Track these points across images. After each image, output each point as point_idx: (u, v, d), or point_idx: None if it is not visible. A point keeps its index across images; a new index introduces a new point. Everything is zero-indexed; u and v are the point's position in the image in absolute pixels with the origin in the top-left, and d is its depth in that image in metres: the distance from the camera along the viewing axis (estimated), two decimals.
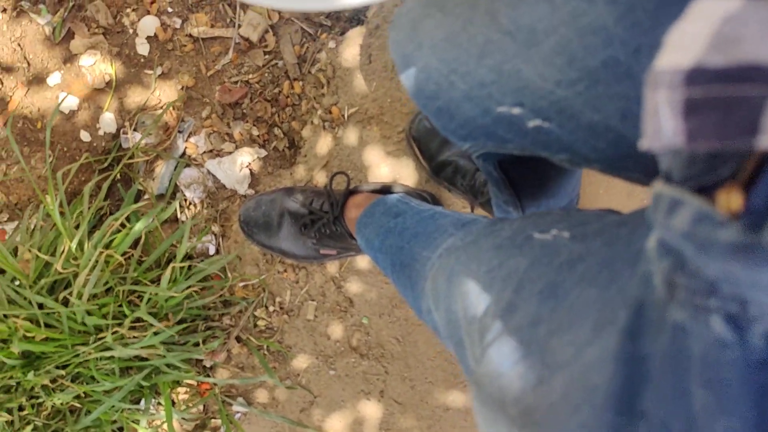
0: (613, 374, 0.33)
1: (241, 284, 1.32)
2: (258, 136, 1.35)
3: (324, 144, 1.30)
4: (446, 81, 0.58)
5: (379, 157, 1.28)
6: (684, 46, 0.25)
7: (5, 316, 1.13)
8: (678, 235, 0.29)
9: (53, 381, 1.17)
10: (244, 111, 1.35)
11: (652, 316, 0.33)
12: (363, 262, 1.29)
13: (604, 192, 1.28)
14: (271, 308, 1.31)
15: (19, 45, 1.35)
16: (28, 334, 1.12)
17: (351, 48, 1.30)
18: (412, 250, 0.85)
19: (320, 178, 1.30)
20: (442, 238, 0.78)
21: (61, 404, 1.17)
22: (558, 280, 0.44)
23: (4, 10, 1.35)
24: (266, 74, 1.35)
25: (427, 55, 0.58)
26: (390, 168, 1.28)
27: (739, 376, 0.28)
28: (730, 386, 0.28)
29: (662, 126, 0.26)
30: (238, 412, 1.31)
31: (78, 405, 1.20)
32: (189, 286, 1.22)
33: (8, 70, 1.35)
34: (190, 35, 1.35)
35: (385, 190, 1.22)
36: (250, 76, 1.34)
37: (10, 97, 1.35)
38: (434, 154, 1.22)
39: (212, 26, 1.35)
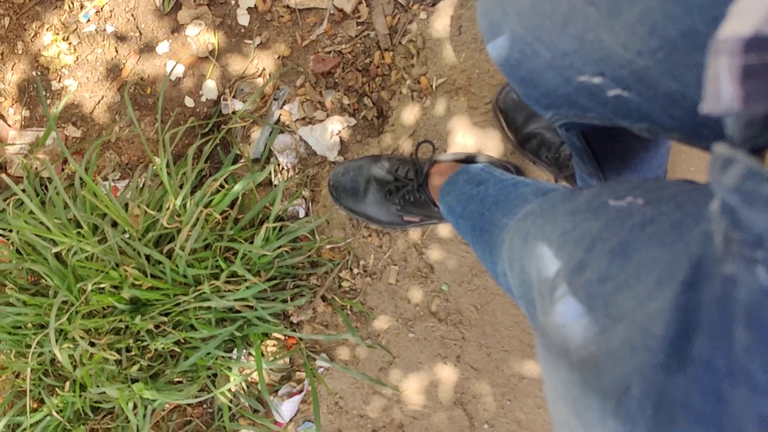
0: (670, 321, 0.35)
1: (328, 246, 1.38)
2: (348, 105, 1.40)
3: (411, 114, 1.34)
4: (530, 49, 0.59)
5: (465, 127, 1.30)
6: (745, 15, 0.27)
7: (117, 264, 1.25)
8: (728, 189, 0.31)
9: (157, 327, 1.27)
10: (336, 80, 1.40)
11: (709, 269, 0.35)
12: (445, 230, 1.33)
13: (695, 169, 1.25)
14: (355, 270, 1.37)
15: (132, 15, 1.45)
16: (136, 282, 1.22)
17: (441, 19, 1.31)
18: (492, 216, 0.88)
19: (406, 147, 1.34)
20: (522, 205, 0.80)
21: (163, 348, 1.28)
22: (629, 239, 0.46)
23: None
24: (358, 44, 1.39)
25: (512, 23, 0.60)
26: (475, 138, 1.30)
27: None
28: None
29: (721, 91, 0.28)
30: (321, 366, 1.39)
31: (177, 350, 1.30)
32: (280, 246, 1.29)
33: (122, 39, 1.46)
34: (288, 6, 1.41)
35: (469, 159, 1.24)
36: (343, 46, 1.39)
37: (124, 64, 1.46)
38: (520, 126, 1.23)
39: None
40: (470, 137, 1.30)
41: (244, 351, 1.35)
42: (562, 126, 0.72)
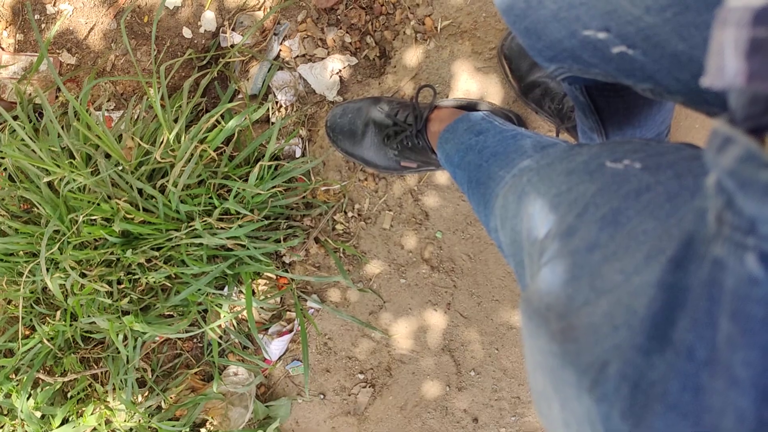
0: (653, 300, 0.34)
1: (323, 188, 1.37)
2: (350, 43, 1.36)
3: (414, 55, 1.30)
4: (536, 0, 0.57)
5: (468, 72, 1.27)
6: None
7: (109, 197, 1.23)
8: (724, 171, 0.29)
9: (148, 261, 1.27)
10: (339, 17, 1.36)
11: (698, 250, 0.33)
12: (442, 177, 1.31)
13: (700, 126, 1.22)
14: (349, 214, 1.36)
15: None
16: (128, 216, 1.22)
17: None
18: (490, 168, 0.86)
19: (408, 90, 1.30)
20: (520, 159, 0.79)
21: (154, 282, 1.28)
22: (622, 207, 0.45)
23: None
24: None
25: None
26: (478, 84, 1.27)
27: (764, 312, 0.28)
28: (755, 321, 0.28)
29: (725, 65, 0.25)
30: (311, 308, 1.40)
31: (169, 285, 1.31)
32: (274, 186, 1.27)
33: None
34: None
35: (471, 106, 1.22)
36: None
37: None
38: (524, 74, 1.19)
39: None
40: (473, 83, 1.27)
41: (235, 289, 1.35)
42: (565, 80, 0.69)
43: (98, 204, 1.21)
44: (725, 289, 0.30)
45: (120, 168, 1.24)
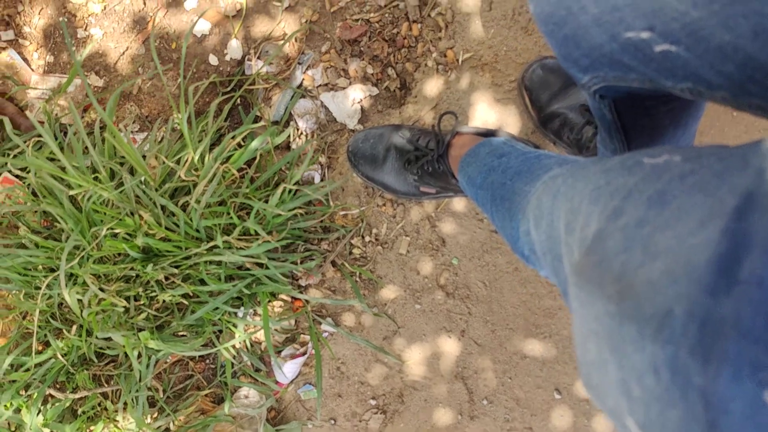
0: (717, 244, 0.35)
1: (342, 213, 1.39)
2: (372, 74, 1.40)
3: (435, 86, 1.34)
4: (577, 5, 0.59)
5: (487, 103, 1.31)
6: None
7: (132, 212, 1.25)
8: None
9: (166, 278, 1.28)
10: (362, 49, 1.40)
11: (761, 201, 0.35)
12: (459, 204, 1.33)
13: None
14: (367, 238, 1.38)
15: None
16: (150, 231, 1.23)
17: None
18: (515, 185, 0.88)
19: (428, 119, 1.34)
20: (546, 173, 0.81)
21: (171, 300, 1.29)
22: (667, 189, 0.46)
23: None
24: (387, 14, 1.39)
25: None
26: (497, 115, 1.30)
27: None
28: None
29: None
30: (326, 331, 1.40)
31: (185, 303, 1.31)
32: (294, 208, 1.29)
33: None
34: None
35: (491, 134, 1.25)
36: (371, 15, 1.39)
37: (151, 17, 1.46)
38: (544, 104, 1.23)
39: None
40: (492, 113, 1.31)
41: (251, 309, 1.35)
42: (597, 92, 0.72)
43: (121, 218, 1.23)
44: None
45: (144, 185, 1.26)
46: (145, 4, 1.46)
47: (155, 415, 1.37)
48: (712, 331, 0.33)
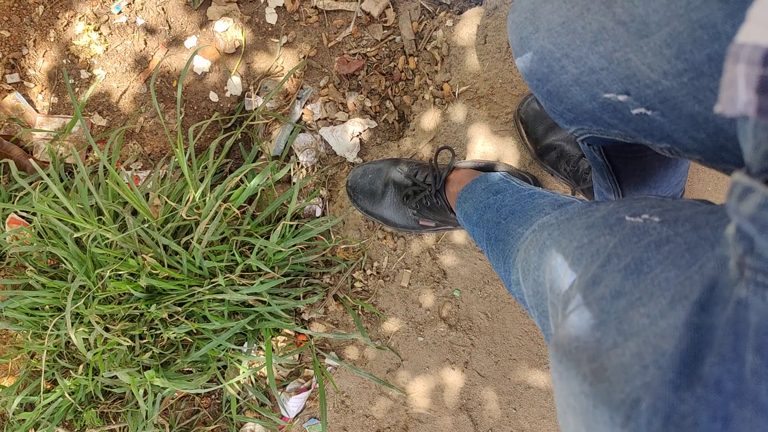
0: (680, 339, 0.36)
1: (343, 247, 1.40)
2: (370, 107, 1.41)
3: (432, 119, 1.35)
4: (558, 65, 0.61)
5: (484, 135, 1.31)
6: (765, 26, 0.28)
7: (135, 253, 1.27)
8: (745, 218, 0.32)
9: (170, 316, 1.29)
10: (360, 83, 1.41)
11: (723, 293, 0.36)
12: (459, 236, 1.34)
13: (713, 189, 1.25)
14: (368, 272, 1.38)
15: (162, 9, 1.48)
16: (153, 271, 1.25)
17: (468, 27, 1.33)
18: (508, 225, 0.89)
19: (426, 152, 1.35)
20: (538, 216, 0.81)
21: (175, 337, 1.30)
22: (643, 257, 0.47)
23: None
24: (383, 48, 1.40)
25: (542, 39, 0.62)
26: (494, 147, 1.31)
27: None
28: None
29: (737, 96, 0.29)
30: (329, 365, 1.40)
31: (189, 340, 1.32)
32: (295, 244, 1.30)
33: (152, 31, 1.48)
34: (316, 7, 1.43)
35: (488, 167, 1.25)
36: (368, 49, 1.40)
37: (152, 56, 1.49)
38: (540, 137, 1.24)
39: (336, 0, 1.42)
40: (489, 146, 1.31)
41: (255, 345, 1.36)
42: (584, 141, 0.73)
43: (125, 260, 1.24)
44: (750, 325, 0.33)
45: (147, 225, 1.28)
46: (146, 44, 1.49)
47: None
48: (674, 428, 0.34)
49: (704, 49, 0.46)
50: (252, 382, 1.40)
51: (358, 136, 1.40)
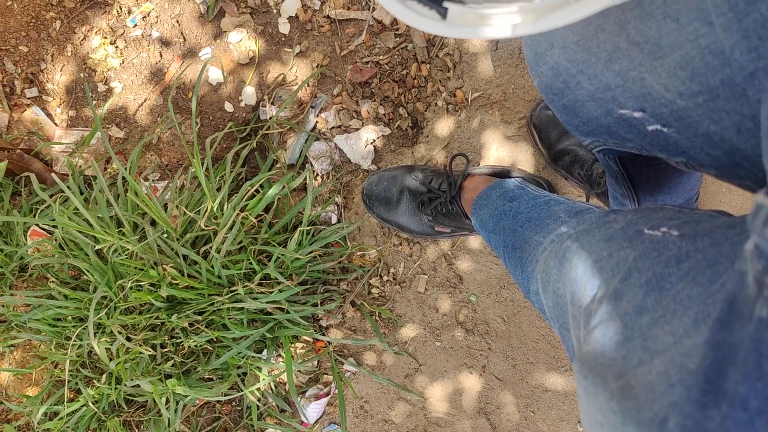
0: (704, 358, 0.37)
1: (359, 253, 1.41)
2: (384, 114, 1.42)
3: (446, 125, 1.36)
4: (574, 81, 0.61)
5: (498, 141, 1.32)
6: None
7: (155, 263, 1.29)
8: None
9: (191, 325, 1.31)
10: (373, 90, 1.43)
11: (743, 309, 0.37)
12: (475, 242, 1.35)
13: (726, 190, 1.25)
14: (385, 278, 1.39)
15: (177, 21, 1.50)
16: (174, 281, 1.26)
17: None
18: (525, 233, 0.89)
19: (440, 158, 1.36)
20: (554, 224, 0.82)
21: (196, 346, 1.32)
22: (664, 273, 0.48)
23: None
24: (396, 56, 1.41)
25: (557, 55, 0.62)
26: (508, 152, 1.32)
27: None
28: None
29: None
30: (348, 370, 1.42)
31: (210, 348, 1.34)
32: (312, 251, 1.32)
33: (167, 44, 1.50)
34: (328, 17, 1.44)
35: (503, 173, 1.26)
36: (381, 57, 1.42)
37: (167, 68, 1.51)
38: (554, 142, 1.24)
39: (348, 8, 1.43)
40: (503, 151, 1.32)
41: (274, 352, 1.38)
42: (600, 151, 0.73)
43: (145, 270, 1.26)
44: None
45: (166, 235, 1.29)
46: (161, 56, 1.51)
47: None
48: None
49: (717, 74, 0.47)
50: (272, 389, 1.42)
51: (372, 143, 1.41)
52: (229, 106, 1.49)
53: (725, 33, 0.44)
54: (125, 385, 1.31)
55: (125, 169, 1.31)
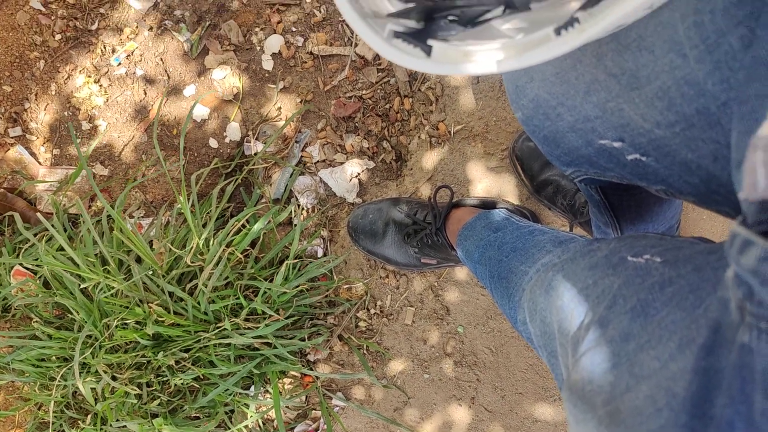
0: (690, 383, 0.38)
1: (346, 286, 1.41)
2: (368, 148, 1.44)
3: (429, 158, 1.38)
4: (554, 112, 0.63)
5: (481, 172, 1.34)
6: None
7: (141, 301, 1.28)
8: (746, 270, 0.34)
9: (177, 362, 1.30)
10: (357, 124, 1.44)
11: (726, 335, 0.38)
12: (461, 273, 1.35)
13: (707, 217, 1.28)
14: (372, 311, 1.40)
15: (161, 59, 1.51)
16: (160, 319, 1.26)
17: None
18: (510, 263, 0.90)
19: (424, 191, 1.37)
20: (540, 253, 0.83)
21: (182, 384, 1.30)
22: (648, 299, 0.49)
23: (151, 29, 1.51)
24: (378, 90, 1.43)
25: (537, 88, 0.64)
26: (491, 184, 1.34)
27: None
28: None
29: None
30: (336, 405, 1.41)
31: (197, 386, 1.33)
32: (299, 285, 1.32)
33: (151, 81, 1.51)
34: (311, 53, 1.46)
35: (488, 205, 1.28)
36: (364, 91, 1.44)
37: (152, 106, 1.52)
38: (536, 173, 1.26)
39: (331, 45, 1.46)
40: (487, 182, 1.34)
41: (261, 388, 1.37)
42: (581, 181, 0.75)
43: (131, 308, 1.25)
44: (755, 370, 0.35)
45: (151, 272, 1.29)
46: (145, 93, 1.52)
47: None
48: None
49: (692, 103, 0.48)
50: (260, 426, 1.40)
51: (356, 176, 1.43)
52: (213, 142, 1.50)
53: (698, 65, 0.46)
54: (111, 425, 1.29)
55: (112, 207, 1.31)
